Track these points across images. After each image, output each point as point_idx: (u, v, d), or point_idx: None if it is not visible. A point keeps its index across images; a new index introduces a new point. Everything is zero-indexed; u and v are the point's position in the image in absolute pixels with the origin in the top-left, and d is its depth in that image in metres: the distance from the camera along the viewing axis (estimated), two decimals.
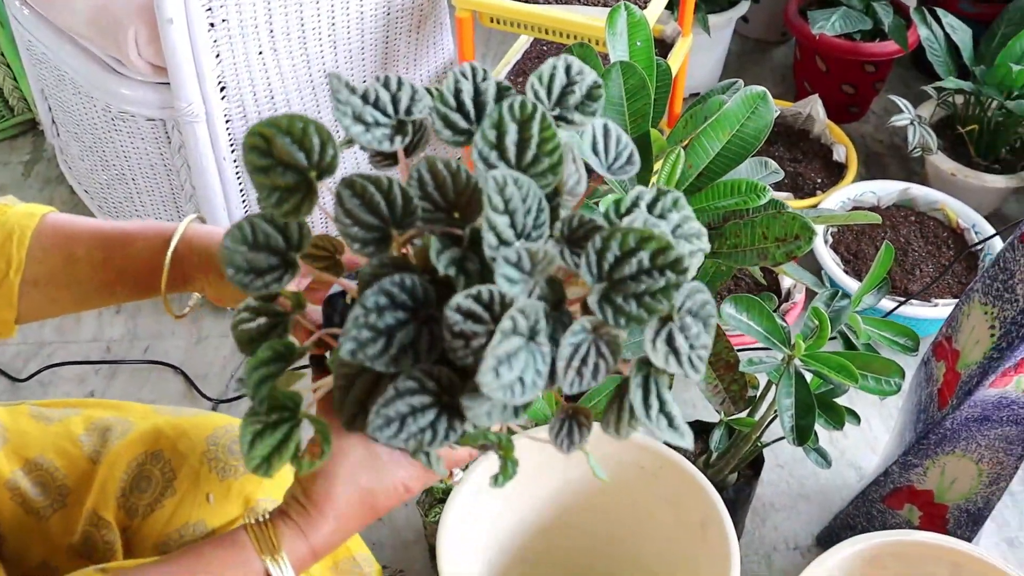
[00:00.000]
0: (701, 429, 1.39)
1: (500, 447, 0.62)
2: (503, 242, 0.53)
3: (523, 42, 1.95)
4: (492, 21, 1.63)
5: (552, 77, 0.61)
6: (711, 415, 1.56)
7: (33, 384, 1.66)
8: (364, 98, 0.58)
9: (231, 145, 1.53)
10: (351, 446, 0.66)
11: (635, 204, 0.59)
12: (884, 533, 1.10)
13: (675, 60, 1.85)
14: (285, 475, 0.86)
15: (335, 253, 0.62)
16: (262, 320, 0.59)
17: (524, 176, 0.54)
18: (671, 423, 0.55)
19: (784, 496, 1.52)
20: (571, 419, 0.58)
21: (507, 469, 0.64)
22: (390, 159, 0.63)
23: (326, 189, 0.57)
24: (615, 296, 0.52)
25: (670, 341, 0.53)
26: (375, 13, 1.60)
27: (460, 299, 0.51)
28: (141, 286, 0.79)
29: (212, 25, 1.39)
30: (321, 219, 1.70)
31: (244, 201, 1.61)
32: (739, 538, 1.18)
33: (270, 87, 1.52)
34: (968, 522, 1.27)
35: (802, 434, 1.00)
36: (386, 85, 0.59)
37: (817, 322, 1.02)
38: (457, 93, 0.59)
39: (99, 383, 1.67)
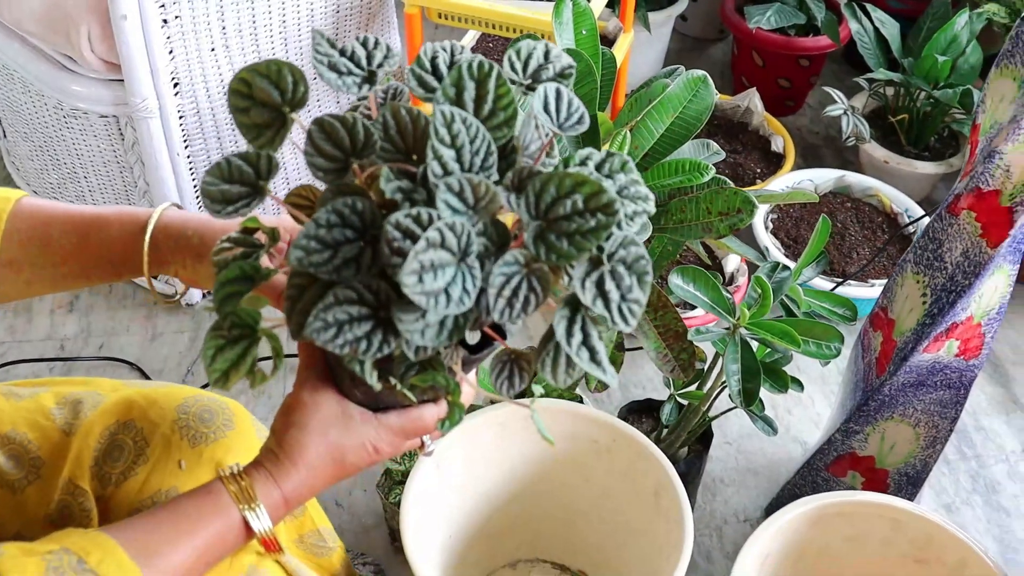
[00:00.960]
0: (652, 407, 1.44)
1: (448, 391, 0.65)
2: (447, 172, 0.58)
3: (471, 37, 1.99)
4: (440, 17, 1.66)
5: (530, 55, 0.67)
6: (662, 395, 1.61)
7: None
8: (342, 52, 0.64)
9: (184, 140, 1.55)
10: (324, 401, 0.69)
11: (583, 163, 0.64)
12: (827, 495, 1.16)
13: (618, 54, 1.90)
14: (255, 444, 0.88)
15: (316, 201, 0.66)
16: (239, 249, 0.64)
17: (472, 117, 0.58)
18: (592, 356, 0.58)
19: (733, 472, 1.58)
20: (512, 363, 0.63)
21: (453, 414, 0.68)
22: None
23: (303, 131, 0.63)
24: (549, 234, 0.57)
25: (600, 284, 0.57)
26: (325, 10, 1.63)
27: (400, 216, 0.56)
28: (116, 270, 0.81)
29: (165, 21, 1.41)
30: (276, 211, 1.72)
31: (197, 197, 1.63)
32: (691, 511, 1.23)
33: (223, 82, 1.54)
34: (908, 485, 1.34)
35: (748, 397, 1.05)
36: (364, 44, 0.65)
37: (760, 291, 1.07)
38: (433, 59, 0.65)
39: None
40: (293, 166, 1.75)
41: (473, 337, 0.67)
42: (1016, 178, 1.03)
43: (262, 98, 0.62)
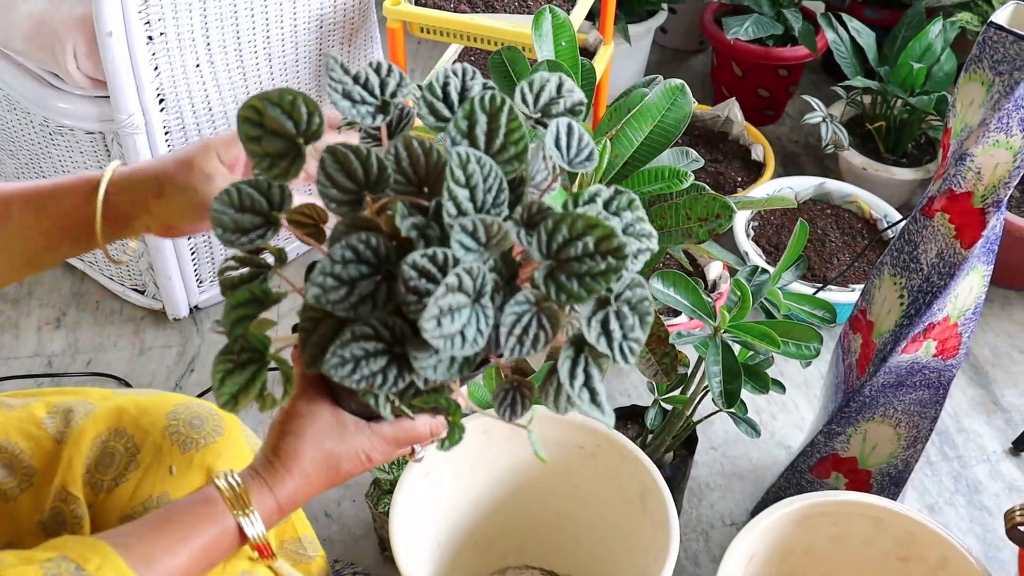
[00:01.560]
0: (637, 414, 1.46)
1: (449, 412, 0.67)
2: (461, 212, 0.58)
3: (453, 51, 2.01)
4: (422, 31, 1.68)
5: (543, 88, 0.67)
6: (646, 401, 1.62)
7: None
8: (355, 79, 0.64)
9: None
10: (320, 411, 0.70)
11: (592, 200, 0.64)
12: (810, 495, 1.18)
13: (598, 66, 1.92)
14: (244, 450, 0.90)
15: (319, 221, 0.66)
16: (245, 269, 0.65)
17: (487, 156, 0.59)
18: (593, 398, 0.59)
19: (718, 476, 1.59)
20: (515, 390, 0.64)
21: (454, 434, 0.70)
22: (379, 141, 0.68)
23: (312, 157, 0.63)
24: (559, 274, 0.57)
25: (605, 324, 0.58)
26: (308, 26, 1.65)
27: (416, 256, 0.56)
28: (81, 239, 0.78)
29: (150, 38, 1.42)
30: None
31: None
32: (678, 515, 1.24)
33: (207, 98, 1.56)
34: (890, 485, 1.35)
35: (730, 398, 1.07)
36: (377, 70, 0.65)
37: (740, 294, 1.09)
38: (445, 86, 0.65)
39: None
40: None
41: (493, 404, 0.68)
42: (987, 180, 1.05)
43: (274, 128, 0.62)
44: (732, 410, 1.23)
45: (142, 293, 1.78)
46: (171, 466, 0.85)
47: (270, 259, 0.66)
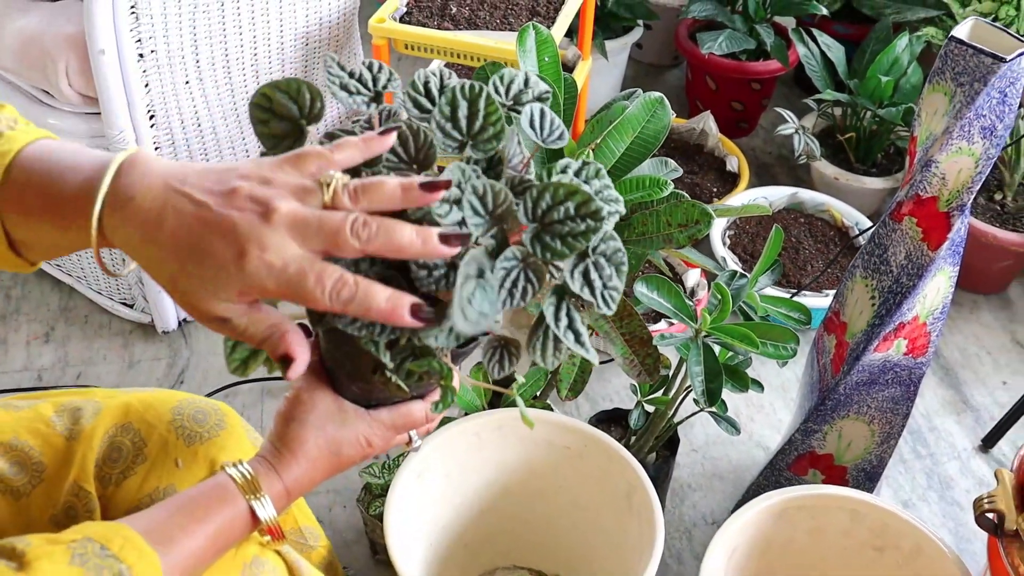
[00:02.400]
0: (620, 416, 1.50)
1: (442, 376, 0.71)
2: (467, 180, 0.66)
3: (435, 67, 2.06)
4: (407, 48, 1.73)
5: (512, 81, 0.75)
6: (629, 406, 1.67)
7: None
8: (351, 74, 0.72)
9: None
10: (321, 399, 0.75)
11: (563, 171, 0.71)
12: (789, 489, 1.22)
13: (577, 81, 1.97)
14: (246, 443, 0.93)
15: None
16: None
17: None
18: (577, 338, 0.67)
19: (700, 477, 1.64)
20: (502, 348, 0.70)
21: (446, 397, 0.74)
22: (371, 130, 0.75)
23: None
24: (544, 235, 0.65)
25: (586, 275, 0.66)
26: (294, 44, 1.69)
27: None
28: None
29: (141, 56, 1.46)
30: None
31: None
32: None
33: (197, 115, 1.59)
34: (865, 480, 1.40)
35: (711, 396, 1.11)
36: (369, 68, 0.73)
37: (720, 296, 1.14)
38: (426, 83, 0.73)
39: None
40: None
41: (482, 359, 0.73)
42: (951, 185, 1.10)
43: (281, 112, 0.68)
44: (713, 409, 1.27)
45: (131, 307, 1.81)
46: (177, 459, 0.89)
47: None
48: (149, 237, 0.62)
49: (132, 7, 1.41)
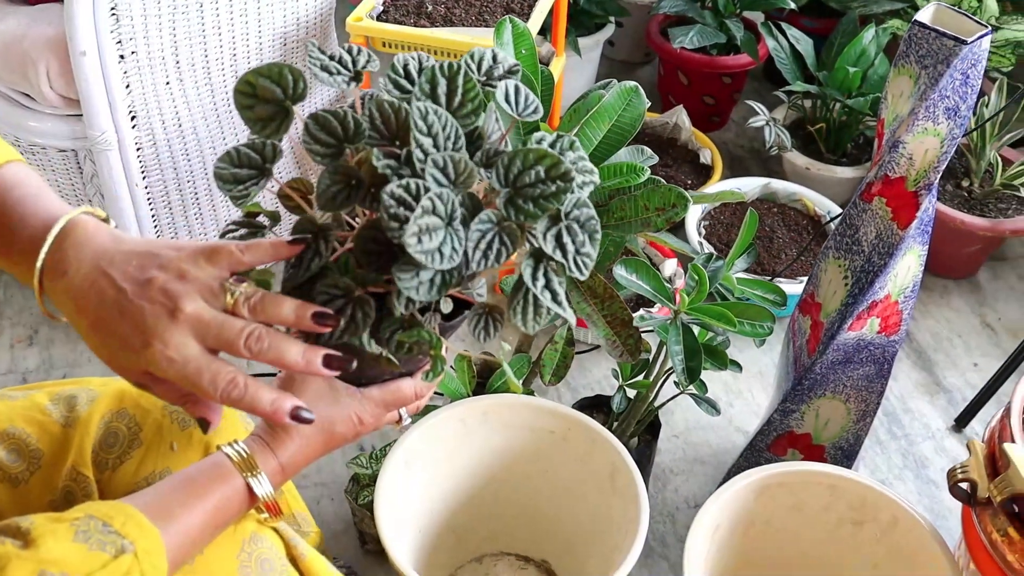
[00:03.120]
0: (603, 403, 1.53)
1: (431, 346, 0.74)
2: (428, 155, 0.69)
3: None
4: (384, 45, 1.75)
5: (482, 58, 0.79)
6: (611, 392, 1.70)
7: None
8: (331, 57, 0.75)
9: (142, 172, 1.61)
10: (313, 379, 0.77)
11: (538, 143, 0.74)
12: (768, 467, 1.25)
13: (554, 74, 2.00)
14: (239, 426, 0.95)
15: (307, 192, 0.74)
16: (243, 230, 0.75)
17: (443, 109, 0.70)
18: (555, 297, 0.70)
19: (682, 462, 1.67)
20: (487, 315, 0.73)
21: (436, 366, 0.77)
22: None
23: (300, 122, 0.72)
24: (517, 199, 0.68)
25: (559, 238, 0.69)
26: (272, 44, 1.71)
27: (392, 187, 0.66)
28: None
29: (122, 57, 1.47)
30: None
31: (156, 226, 1.68)
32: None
33: (177, 115, 1.61)
34: (843, 458, 1.44)
35: (691, 374, 1.14)
36: (349, 51, 0.76)
37: (697, 277, 1.17)
38: (405, 66, 0.76)
39: None
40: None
41: (447, 307, 0.75)
42: (918, 165, 1.14)
43: (265, 95, 0.71)
44: (693, 390, 1.30)
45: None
46: (172, 443, 0.91)
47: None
48: (78, 308, 0.71)
49: (113, 9, 1.42)
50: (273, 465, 0.76)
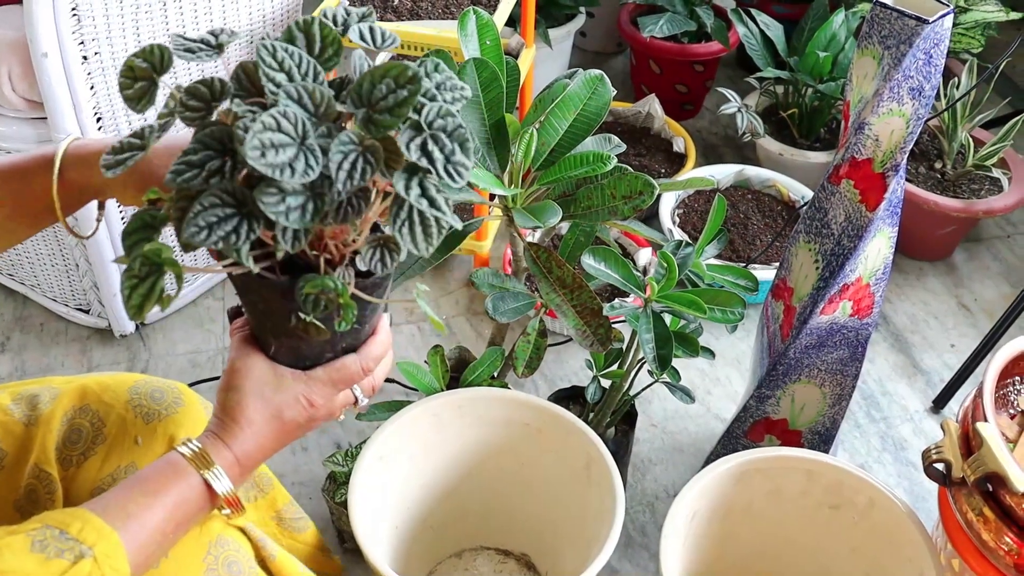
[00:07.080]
0: (577, 394, 1.52)
1: (338, 294, 0.73)
2: (280, 86, 0.70)
3: (383, 58, 2.07)
4: (351, 40, 1.74)
5: (335, 13, 0.80)
6: (585, 383, 1.69)
7: None
8: (200, 40, 0.77)
9: None
10: (255, 365, 0.77)
11: None
12: (745, 452, 1.25)
13: (521, 69, 1.99)
14: (203, 419, 0.95)
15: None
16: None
17: (292, 47, 0.71)
18: (432, 204, 0.69)
19: (660, 451, 1.66)
20: (381, 246, 0.73)
21: (347, 315, 0.75)
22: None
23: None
24: (374, 115, 0.69)
25: (424, 147, 0.69)
26: (238, 42, 1.69)
27: (244, 119, 0.67)
28: (42, 216, 0.86)
29: (85, 58, 1.46)
30: None
31: (123, 221, 1.67)
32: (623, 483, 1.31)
33: (143, 115, 1.59)
34: (820, 443, 1.44)
35: (663, 362, 1.14)
36: (212, 33, 0.78)
37: (666, 265, 1.16)
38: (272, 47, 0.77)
39: None
40: None
41: (362, 263, 0.75)
42: (885, 146, 1.14)
43: (141, 75, 0.75)
44: (666, 379, 1.30)
45: (87, 312, 1.80)
46: (136, 437, 0.90)
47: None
48: None
49: (73, 9, 1.41)
50: (228, 457, 0.75)
